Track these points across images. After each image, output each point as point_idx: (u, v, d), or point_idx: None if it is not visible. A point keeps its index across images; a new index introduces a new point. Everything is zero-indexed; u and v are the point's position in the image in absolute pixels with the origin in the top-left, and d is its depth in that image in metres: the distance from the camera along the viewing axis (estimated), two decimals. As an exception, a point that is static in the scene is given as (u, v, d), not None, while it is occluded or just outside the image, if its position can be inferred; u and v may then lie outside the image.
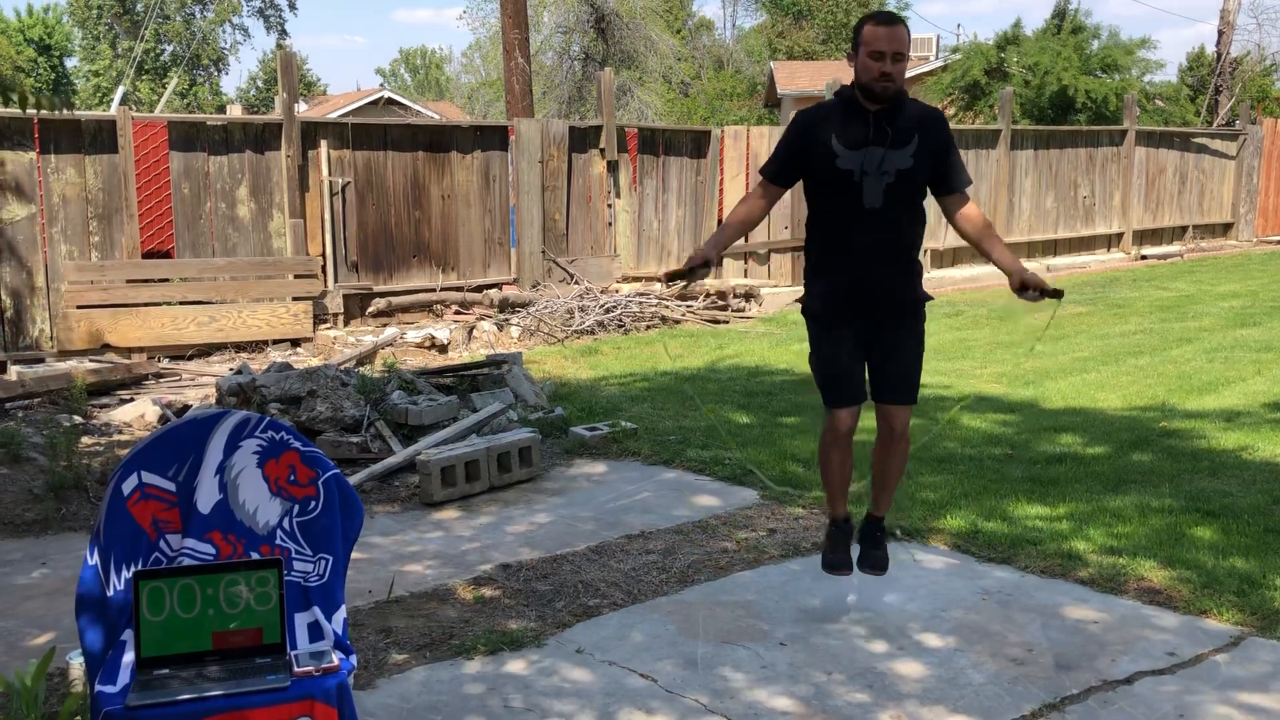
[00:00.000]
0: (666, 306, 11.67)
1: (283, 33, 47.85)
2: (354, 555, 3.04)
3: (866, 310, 3.83)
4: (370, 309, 10.94)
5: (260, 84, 50.55)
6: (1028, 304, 3.79)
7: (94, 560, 2.69)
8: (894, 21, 3.69)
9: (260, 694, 2.47)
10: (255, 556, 2.78)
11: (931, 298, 3.99)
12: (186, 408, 7.47)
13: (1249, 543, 4.63)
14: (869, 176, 3.70)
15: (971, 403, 7.48)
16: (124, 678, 2.55)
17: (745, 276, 13.42)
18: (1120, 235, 17.48)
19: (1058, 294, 3.75)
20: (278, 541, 2.83)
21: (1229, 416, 6.90)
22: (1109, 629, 3.87)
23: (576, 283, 11.88)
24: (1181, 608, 4.03)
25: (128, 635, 2.63)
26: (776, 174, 3.89)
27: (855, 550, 4.11)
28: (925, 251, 14.19)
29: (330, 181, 10.71)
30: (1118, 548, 4.61)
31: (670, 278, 3.83)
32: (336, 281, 10.79)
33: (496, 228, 11.90)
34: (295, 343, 10.12)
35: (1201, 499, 5.23)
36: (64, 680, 3.42)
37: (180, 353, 9.64)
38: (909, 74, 26.65)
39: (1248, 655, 3.65)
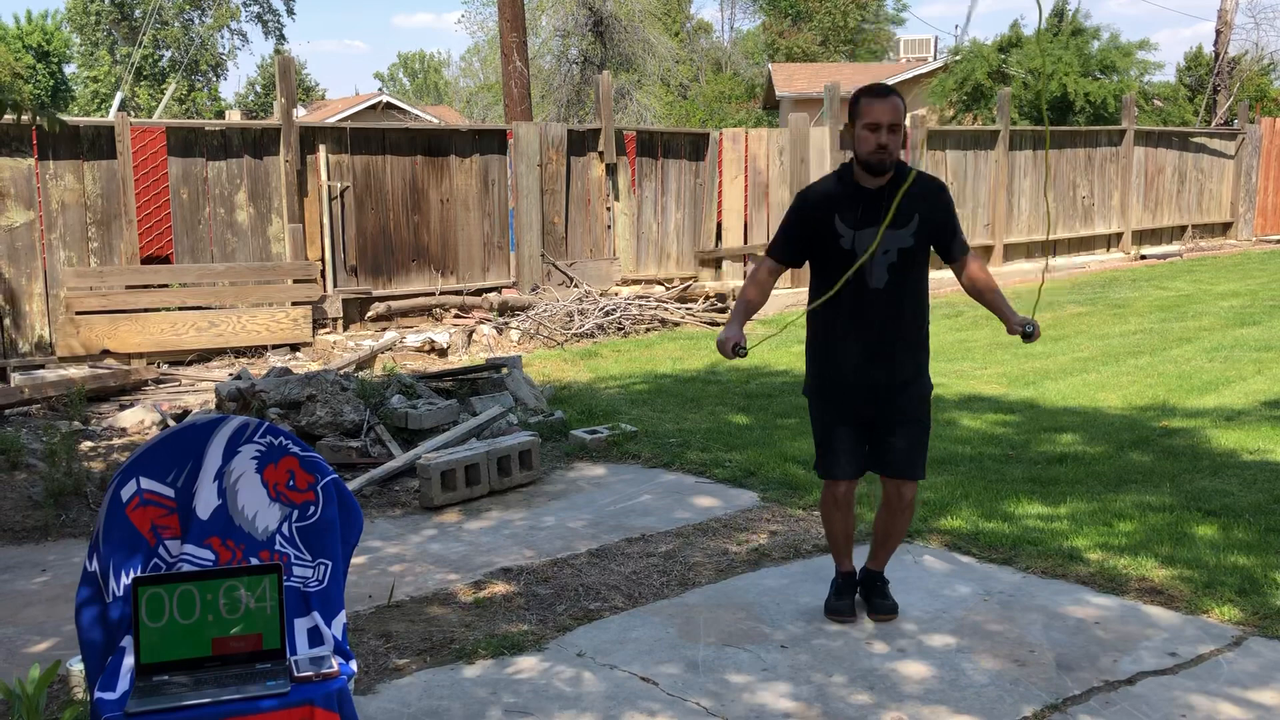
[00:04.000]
0: (666, 309, 11.67)
1: (281, 38, 47.84)
2: (354, 560, 3.04)
3: (871, 396, 3.85)
4: (369, 313, 10.94)
5: (259, 89, 50.57)
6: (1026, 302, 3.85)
7: (93, 566, 2.69)
8: (887, 94, 3.73)
9: (260, 699, 2.47)
10: (254, 562, 2.78)
11: (931, 388, 3.98)
12: (186, 413, 7.47)
13: (1250, 541, 4.62)
14: (873, 258, 3.75)
15: (973, 403, 7.47)
16: (124, 684, 2.55)
17: (745, 279, 13.41)
18: (1119, 235, 17.47)
19: (1027, 331, 3.76)
20: (277, 547, 2.82)
21: (1229, 416, 6.89)
22: (1110, 629, 3.87)
23: (576, 286, 11.88)
24: (1183, 607, 4.02)
25: (127, 641, 2.63)
26: (783, 254, 3.95)
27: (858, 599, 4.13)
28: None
29: (329, 186, 10.71)
30: (1119, 547, 4.60)
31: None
32: (335, 286, 10.79)
33: (495, 231, 11.91)
34: (295, 347, 10.12)
35: (1202, 498, 5.22)
36: (64, 687, 3.42)
37: (180, 358, 9.64)
38: (909, 75, 26.74)
39: (1250, 654, 3.65)
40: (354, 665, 2.74)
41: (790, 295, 12.35)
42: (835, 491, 3.97)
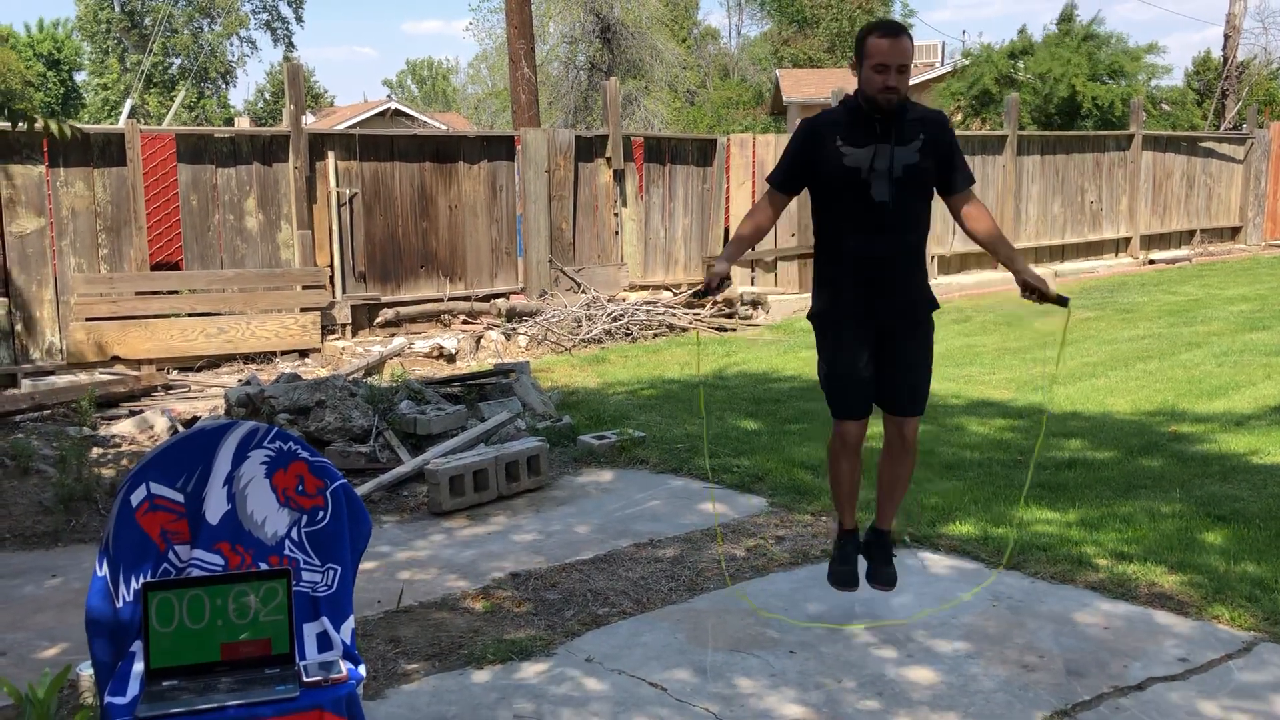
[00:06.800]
0: (673, 315, 11.67)
1: (290, 45, 48.05)
2: (363, 565, 3.04)
3: (876, 312, 3.77)
4: (378, 319, 10.96)
5: (268, 96, 50.72)
6: (1033, 306, 3.78)
7: (103, 572, 2.70)
8: (897, 33, 3.62)
9: (269, 704, 2.47)
10: (264, 567, 2.78)
11: (938, 305, 3.96)
12: (195, 419, 7.49)
13: (1260, 547, 4.61)
14: (876, 173, 3.65)
15: (980, 408, 7.46)
16: (133, 689, 2.55)
17: (752, 284, 13.41)
18: (1128, 240, 17.43)
19: (1062, 301, 3.71)
20: (286, 552, 2.83)
21: (1239, 420, 6.87)
22: (1120, 634, 3.86)
23: (584, 291, 11.89)
24: (1193, 613, 4.01)
25: (137, 646, 2.63)
26: (784, 181, 3.85)
27: (863, 565, 4.09)
28: (932, 258, 14.17)
29: (338, 193, 10.74)
30: (1128, 553, 4.59)
31: (699, 295, 3.79)
32: (344, 292, 10.81)
33: (503, 237, 11.92)
34: (304, 353, 10.14)
35: (1212, 503, 5.21)
36: (74, 692, 3.43)
37: (189, 364, 9.66)
38: (916, 80, 26.72)
39: (1260, 660, 3.63)
40: (363, 670, 2.74)
41: (797, 300, 12.34)
42: (846, 436, 3.84)
